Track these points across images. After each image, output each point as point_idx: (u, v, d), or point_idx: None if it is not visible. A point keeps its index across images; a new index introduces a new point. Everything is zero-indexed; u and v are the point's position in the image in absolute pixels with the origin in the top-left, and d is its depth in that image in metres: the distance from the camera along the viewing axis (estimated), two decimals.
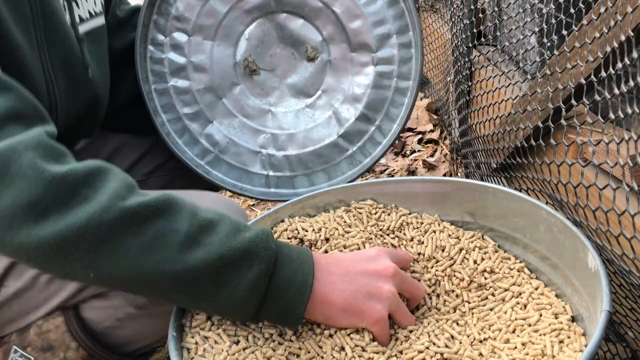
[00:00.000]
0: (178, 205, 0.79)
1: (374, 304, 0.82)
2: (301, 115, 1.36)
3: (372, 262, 0.85)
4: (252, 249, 0.78)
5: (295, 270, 0.81)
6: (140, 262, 0.75)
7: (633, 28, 0.80)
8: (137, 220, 0.76)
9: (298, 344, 0.83)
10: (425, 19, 2.55)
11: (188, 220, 0.78)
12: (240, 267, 0.78)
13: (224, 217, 0.81)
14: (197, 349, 0.83)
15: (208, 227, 0.79)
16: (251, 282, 0.78)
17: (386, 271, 0.84)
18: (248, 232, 0.80)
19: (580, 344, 0.79)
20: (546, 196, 1.10)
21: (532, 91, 1.11)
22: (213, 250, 0.77)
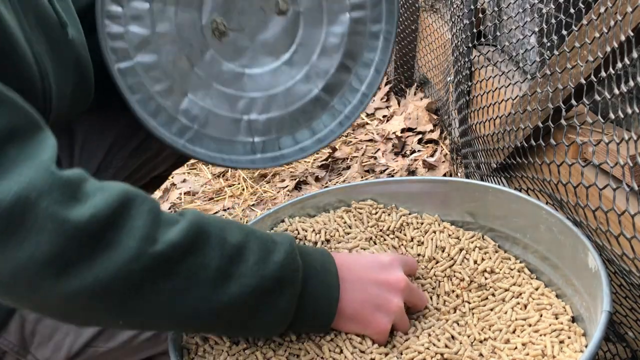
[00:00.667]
0: (206, 234, 0.72)
1: (381, 316, 0.81)
2: (279, 73, 1.27)
3: (385, 272, 0.83)
4: (283, 275, 0.75)
5: (321, 282, 0.79)
6: (172, 306, 0.70)
7: (633, 28, 0.80)
8: (169, 265, 0.69)
9: (298, 344, 0.83)
10: (425, 19, 2.55)
11: (218, 252, 0.72)
12: (273, 294, 0.75)
13: (249, 236, 0.76)
14: (197, 349, 0.83)
15: (238, 255, 0.73)
16: (283, 308, 0.76)
17: (398, 284, 0.83)
18: (277, 254, 0.76)
19: (581, 344, 0.79)
20: (546, 196, 1.10)
21: (532, 91, 1.11)
22: (246, 282, 0.73)
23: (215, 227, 0.73)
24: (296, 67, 1.28)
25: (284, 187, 2.17)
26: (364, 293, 0.81)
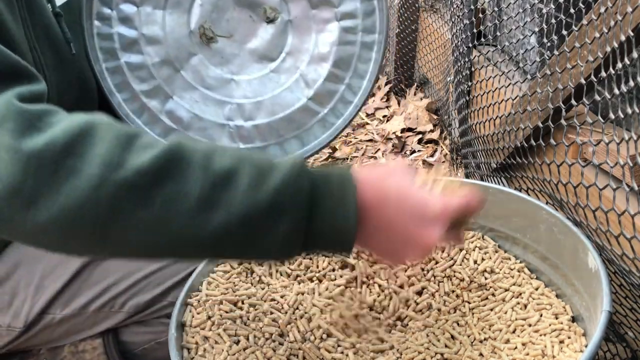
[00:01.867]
0: (185, 160, 0.67)
1: (411, 253, 0.75)
2: (266, 81, 1.28)
3: (422, 227, 0.72)
4: (279, 199, 0.67)
5: (336, 206, 0.69)
6: (153, 235, 0.66)
7: (633, 28, 0.80)
8: (139, 192, 0.64)
9: (298, 344, 0.83)
10: (425, 19, 2.55)
11: (200, 179, 0.66)
12: (269, 221, 0.67)
13: (244, 159, 0.69)
14: (197, 349, 0.83)
15: (225, 181, 0.67)
16: (285, 234, 0.68)
17: (427, 245, 0.73)
18: (274, 177, 0.68)
19: (581, 344, 0.79)
20: (546, 196, 1.10)
21: (532, 91, 1.11)
22: (233, 210, 0.66)
23: (199, 153, 0.68)
24: (285, 75, 1.28)
25: None
26: (391, 239, 0.73)
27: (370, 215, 0.71)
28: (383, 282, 0.94)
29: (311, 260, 0.97)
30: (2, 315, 1.02)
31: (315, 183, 0.69)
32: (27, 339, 1.04)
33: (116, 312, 1.03)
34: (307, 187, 0.68)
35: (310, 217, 0.68)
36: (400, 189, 0.74)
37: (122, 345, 1.06)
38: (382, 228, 0.72)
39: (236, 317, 0.87)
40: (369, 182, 0.72)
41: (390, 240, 0.73)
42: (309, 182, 0.69)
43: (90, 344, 1.04)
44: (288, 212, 0.68)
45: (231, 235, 0.67)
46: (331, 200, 0.69)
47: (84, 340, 1.05)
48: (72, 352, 1.04)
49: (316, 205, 0.69)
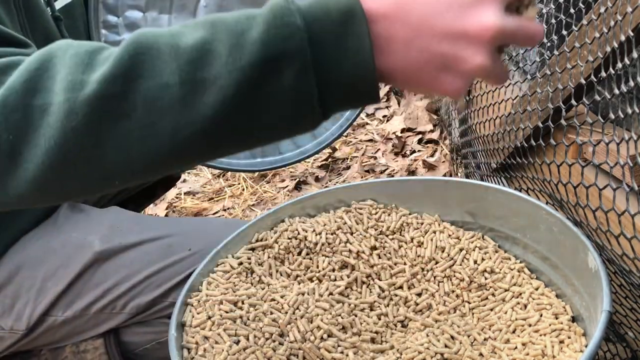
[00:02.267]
0: (152, 49, 0.58)
1: (451, 79, 0.59)
2: None
3: (464, 14, 0.57)
4: (270, 51, 0.56)
5: (342, 36, 0.57)
6: (151, 142, 0.58)
7: (633, 28, 0.80)
8: (114, 101, 0.57)
9: (298, 344, 0.83)
10: None
11: (174, 62, 0.57)
12: (269, 80, 0.57)
13: (217, 23, 0.59)
14: (197, 349, 0.83)
15: (203, 56, 0.57)
16: (293, 88, 0.57)
17: (483, 34, 0.56)
18: (256, 27, 0.57)
19: (581, 344, 0.79)
20: (546, 196, 1.10)
21: (532, 91, 1.11)
22: (224, 83, 0.56)
23: (165, 37, 0.58)
24: None
25: (284, 187, 2.17)
26: (423, 53, 0.58)
27: (389, 33, 0.57)
28: (382, 284, 0.94)
29: (311, 261, 0.97)
30: (4, 318, 1.02)
31: (310, 16, 0.57)
32: (29, 341, 1.04)
33: (118, 313, 1.04)
34: (300, 24, 0.56)
35: (315, 59, 0.57)
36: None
37: (124, 346, 1.06)
38: (409, 39, 0.57)
39: (236, 317, 0.87)
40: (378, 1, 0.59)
41: (424, 51, 0.57)
42: (300, 18, 0.57)
43: (92, 344, 1.04)
44: (286, 62, 0.56)
45: (233, 111, 0.57)
46: (334, 31, 0.57)
47: (85, 340, 1.05)
48: (73, 352, 1.04)
49: (318, 43, 0.57)
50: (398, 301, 0.92)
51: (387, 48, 0.57)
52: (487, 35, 0.56)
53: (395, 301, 0.92)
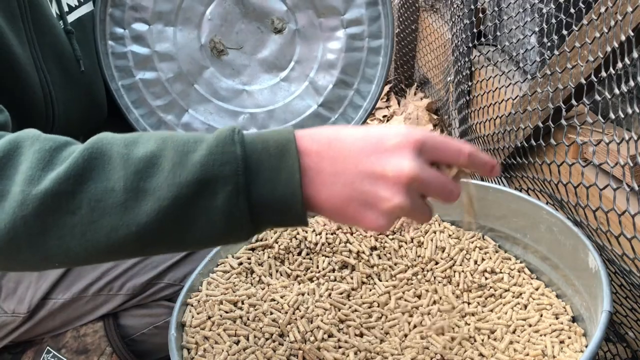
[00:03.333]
0: (106, 155, 0.64)
1: (373, 215, 0.64)
2: (277, 89, 1.31)
3: (383, 160, 0.63)
4: (207, 173, 0.62)
5: (276, 169, 0.63)
6: (90, 238, 0.64)
7: (633, 28, 0.80)
8: (64, 198, 0.63)
9: (298, 344, 0.83)
10: (425, 19, 2.55)
11: (122, 170, 0.63)
12: (202, 199, 0.63)
13: (168, 141, 0.65)
14: (197, 349, 0.83)
15: (148, 168, 0.63)
16: (223, 210, 0.63)
17: (399, 177, 0.62)
18: (199, 151, 0.63)
19: (581, 345, 0.79)
20: (546, 196, 1.10)
21: (532, 91, 1.11)
22: (162, 195, 0.62)
23: (119, 145, 0.65)
24: (295, 84, 1.31)
25: None
26: (347, 187, 0.63)
27: (319, 167, 0.64)
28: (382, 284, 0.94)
29: (311, 261, 0.97)
30: (7, 302, 1.05)
31: (250, 148, 0.63)
32: (31, 326, 1.07)
33: (115, 295, 1.06)
34: (239, 153, 0.62)
35: (248, 185, 0.62)
36: (353, 128, 0.66)
37: (122, 330, 1.09)
38: (336, 174, 0.63)
39: (236, 317, 0.87)
40: (314, 132, 0.65)
41: (348, 186, 0.63)
42: (241, 148, 0.63)
43: (92, 328, 1.07)
44: (220, 185, 0.62)
45: (166, 222, 0.63)
46: (269, 162, 0.63)
47: (85, 325, 1.08)
48: (74, 337, 1.07)
49: (253, 172, 0.63)
50: (398, 301, 0.92)
51: (316, 179, 0.63)
52: (403, 179, 0.62)
53: (395, 301, 0.92)
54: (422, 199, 0.65)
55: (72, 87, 1.09)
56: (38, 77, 1.00)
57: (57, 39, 1.06)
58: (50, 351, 1.06)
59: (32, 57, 1.00)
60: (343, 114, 1.32)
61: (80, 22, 1.15)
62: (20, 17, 0.97)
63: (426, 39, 2.49)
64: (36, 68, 1.00)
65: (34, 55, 1.00)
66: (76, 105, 1.11)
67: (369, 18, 1.28)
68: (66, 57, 1.08)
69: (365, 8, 1.27)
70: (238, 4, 1.26)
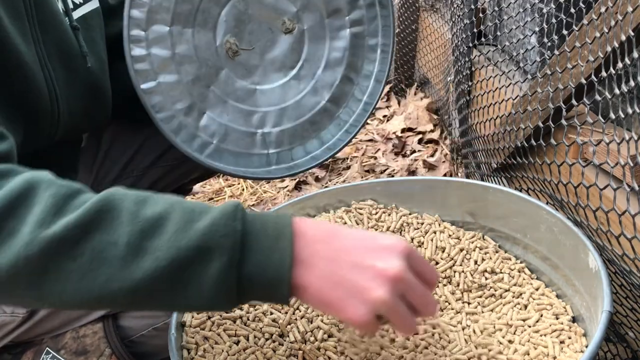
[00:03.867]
0: (115, 210, 0.68)
1: (356, 305, 0.67)
2: (287, 88, 1.35)
3: (374, 256, 0.68)
4: (207, 242, 0.67)
5: (270, 249, 0.68)
6: (85, 285, 0.67)
7: (633, 28, 0.80)
8: (68, 245, 0.67)
9: (299, 344, 0.83)
10: (425, 19, 2.55)
11: (128, 227, 0.67)
12: (198, 265, 0.67)
13: (176, 206, 0.69)
14: (197, 349, 0.83)
15: (153, 228, 0.68)
16: (215, 279, 0.67)
17: (386, 271, 0.67)
18: (203, 221, 0.68)
19: (581, 345, 0.79)
20: (547, 196, 1.10)
21: (533, 91, 1.11)
22: (161, 255, 0.66)
23: (130, 202, 0.69)
24: (304, 81, 1.36)
25: (284, 187, 2.17)
26: (336, 274, 0.68)
27: (313, 249, 0.69)
28: None
29: None
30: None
31: (250, 226, 0.68)
32: (30, 327, 1.06)
33: None
34: (239, 229, 0.67)
35: (242, 260, 0.67)
36: (352, 228, 0.74)
37: (122, 331, 1.08)
38: (328, 259, 0.69)
39: (236, 317, 0.87)
40: (314, 221, 0.72)
41: (337, 272, 0.68)
42: (242, 224, 0.68)
43: (91, 329, 1.06)
44: (217, 255, 0.67)
45: (161, 281, 0.67)
46: (265, 243, 0.68)
47: (84, 325, 1.07)
48: (73, 338, 1.06)
49: (249, 249, 0.67)
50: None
51: (309, 260, 0.68)
52: (389, 274, 0.67)
53: None
54: (405, 306, 0.69)
55: (76, 83, 1.10)
56: (43, 75, 1.01)
57: (64, 35, 1.06)
58: (49, 352, 1.06)
59: (37, 55, 1.00)
60: (346, 107, 1.38)
61: (84, 19, 1.15)
62: (25, 15, 0.98)
63: (426, 39, 2.49)
64: (41, 66, 1.01)
65: (39, 54, 1.00)
66: (80, 101, 1.11)
67: (368, 18, 1.35)
68: (72, 54, 1.08)
69: (365, 10, 1.35)
70: (251, 6, 1.29)
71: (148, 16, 1.23)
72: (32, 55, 0.99)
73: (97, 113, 1.20)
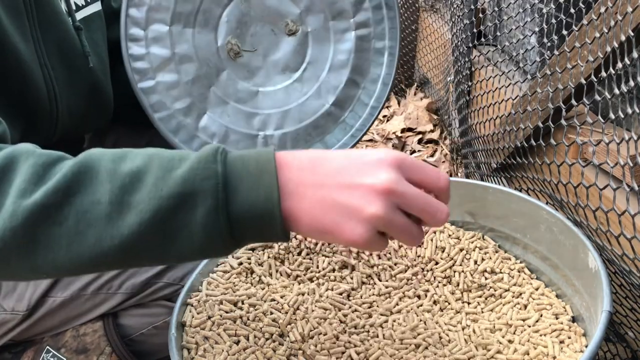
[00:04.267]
0: (94, 170, 0.67)
1: (353, 225, 0.65)
2: (291, 90, 1.33)
3: (362, 173, 0.66)
4: (188, 187, 0.65)
5: (255, 185, 0.66)
6: (75, 248, 0.67)
7: (633, 28, 0.80)
8: (52, 211, 0.66)
9: (298, 344, 0.83)
10: (425, 19, 2.55)
11: (108, 184, 0.66)
12: (183, 212, 0.66)
13: (155, 157, 0.68)
14: (197, 349, 0.83)
15: (133, 182, 0.66)
16: (203, 224, 0.65)
17: (375, 186, 0.65)
18: (183, 167, 0.66)
19: (581, 345, 0.79)
20: (546, 196, 1.10)
21: (532, 91, 1.11)
22: (144, 208, 0.65)
23: (108, 160, 0.68)
24: (307, 84, 1.34)
25: None
26: (327, 198, 0.66)
27: (299, 178, 0.66)
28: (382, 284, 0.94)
29: (311, 261, 0.97)
30: (7, 300, 1.05)
31: (231, 166, 0.66)
32: (30, 325, 1.07)
33: (114, 294, 1.06)
34: (220, 170, 0.66)
35: (227, 201, 0.65)
36: (335, 150, 0.70)
37: (122, 329, 1.09)
38: (315, 185, 0.66)
39: (236, 317, 0.87)
40: (296, 152, 0.69)
41: (327, 197, 0.66)
42: (223, 166, 0.66)
43: (91, 327, 1.07)
44: (200, 199, 0.65)
45: (149, 234, 0.66)
46: (248, 180, 0.66)
47: (84, 324, 1.08)
48: (73, 337, 1.07)
49: (233, 188, 0.66)
50: (398, 302, 0.92)
51: (296, 190, 0.66)
52: (378, 188, 0.64)
53: (395, 302, 0.92)
54: (406, 217, 0.66)
55: (77, 83, 1.10)
56: (42, 74, 1.01)
57: (66, 35, 1.06)
58: (49, 350, 1.07)
59: (37, 54, 1.00)
60: (351, 111, 1.36)
61: (86, 21, 1.15)
62: (25, 13, 0.98)
63: (426, 39, 2.49)
64: (40, 65, 1.01)
65: (38, 52, 1.00)
66: (80, 101, 1.11)
67: (375, 21, 1.33)
68: (74, 54, 1.08)
69: (371, 12, 1.33)
70: (254, 7, 1.29)
71: (147, 15, 1.23)
72: (31, 53, 0.99)
73: (97, 114, 1.20)
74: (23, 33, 0.97)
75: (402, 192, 0.65)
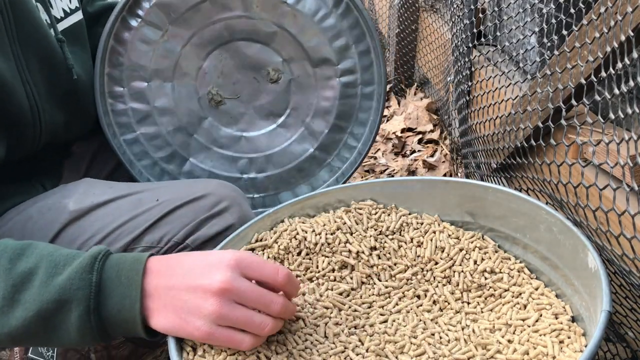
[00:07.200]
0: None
1: (194, 321, 0.76)
2: (274, 135, 1.35)
3: (202, 275, 0.77)
4: (64, 295, 0.78)
5: (123, 294, 0.79)
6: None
7: (633, 28, 0.80)
8: None
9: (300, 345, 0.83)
10: (425, 19, 2.55)
11: (2, 282, 0.79)
12: (60, 314, 0.78)
13: (44, 260, 0.80)
14: (197, 349, 0.83)
15: (23, 282, 0.79)
16: (77, 325, 0.78)
17: (211, 286, 0.76)
18: (63, 275, 0.79)
19: (581, 344, 0.79)
20: (546, 196, 1.10)
21: (532, 91, 1.11)
22: (29, 307, 0.78)
23: (6, 259, 0.80)
24: (291, 129, 1.35)
25: None
26: (175, 299, 0.78)
27: (157, 282, 0.79)
28: (382, 284, 0.94)
29: (311, 261, 0.97)
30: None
31: (106, 275, 0.79)
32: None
33: None
34: (94, 280, 0.78)
35: (99, 306, 0.78)
36: (199, 253, 0.82)
37: None
38: (168, 287, 0.78)
39: None
40: (169, 256, 0.82)
41: (176, 297, 0.77)
42: (98, 276, 0.79)
43: None
44: (74, 306, 0.78)
45: (33, 327, 0.78)
46: (118, 290, 0.78)
47: None
48: None
49: (106, 295, 0.78)
50: (398, 302, 0.92)
51: (155, 293, 0.79)
52: (214, 288, 0.76)
53: (395, 302, 0.92)
54: (246, 309, 0.77)
55: (60, 96, 1.11)
56: (24, 91, 1.03)
57: (48, 49, 1.07)
58: None
59: (18, 70, 1.01)
60: (338, 155, 1.37)
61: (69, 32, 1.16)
62: (5, 31, 0.99)
63: (426, 39, 2.49)
64: (22, 82, 1.02)
65: (20, 70, 1.02)
66: (63, 113, 1.13)
67: (362, 67, 1.32)
68: (57, 67, 1.10)
69: (357, 57, 1.31)
70: (234, 57, 1.30)
71: (126, 73, 1.26)
72: (12, 71, 1.00)
73: (82, 123, 1.22)
74: (3, 52, 0.98)
75: (237, 289, 0.76)
